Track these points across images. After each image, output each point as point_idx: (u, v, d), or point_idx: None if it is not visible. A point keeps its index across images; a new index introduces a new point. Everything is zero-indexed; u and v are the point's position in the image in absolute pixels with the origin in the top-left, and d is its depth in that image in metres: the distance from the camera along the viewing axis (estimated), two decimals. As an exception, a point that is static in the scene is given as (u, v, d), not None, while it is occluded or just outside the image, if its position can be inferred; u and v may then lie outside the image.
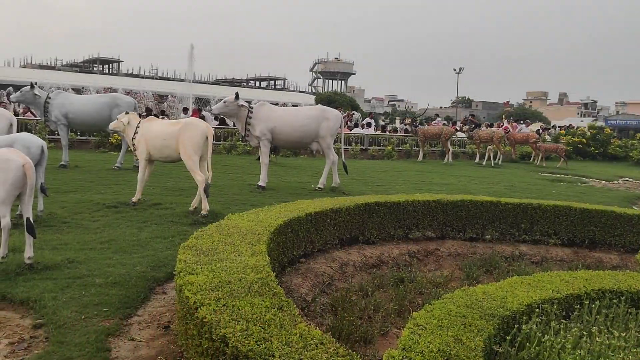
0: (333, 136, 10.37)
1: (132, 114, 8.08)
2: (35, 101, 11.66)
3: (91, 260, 5.15)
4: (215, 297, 3.02)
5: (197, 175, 7.32)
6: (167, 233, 6.37)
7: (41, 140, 6.56)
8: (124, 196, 8.40)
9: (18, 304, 4.15)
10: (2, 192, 4.65)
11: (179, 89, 42.53)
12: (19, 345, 3.55)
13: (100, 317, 3.95)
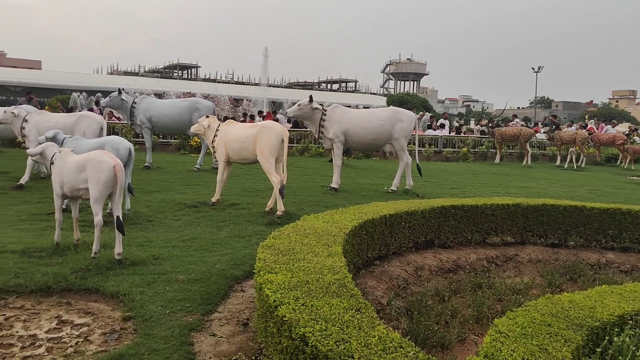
0: (407, 138, 10.26)
1: (212, 117, 8.38)
2: (123, 106, 12.36)
3: (174, 257, 5.38)
4: (294, 296, 3.07)
5: (273, 177, 7.48)
6: (245, 232, 6.55)
7: (129, 143, 6.96)
8: (203, 196, 8.72)
9: (109, 296, 4.41)
10: (95, 191, 4.97)
11: (254, 92, 43.67)
12: (110, 335, 3.77)
13: (183, 312, 4.13)
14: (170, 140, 17.43)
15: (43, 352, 3.52)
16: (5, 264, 4.83)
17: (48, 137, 6.76)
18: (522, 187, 12.10)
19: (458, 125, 28.63)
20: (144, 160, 12.31)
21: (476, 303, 4.86)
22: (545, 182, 13.72)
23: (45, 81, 42.98)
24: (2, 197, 8.13)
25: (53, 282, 4.48)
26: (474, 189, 11.25)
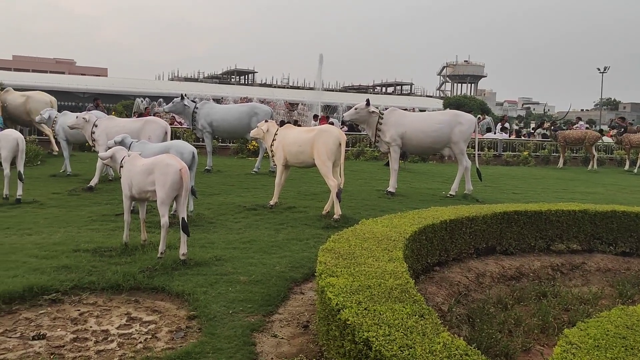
0: (466, 141, 10.07)
1: (270, 122, 8.53)
2: (185, 111, 12.77)
3: (235, 258, 5.51)
4: (356, 300, 3.08)
5: (330, 181, 7.52)
6: (302, 235, 6.62)
7: (192, 147, 7.19)
8: (261, 199, 8.88)
9: (174, 296, 4.56)
10: (162, 193, 5.15)
11: (309, 97, 43.95)
12: (177, 333, 3.90)
13: (245, 312, 4.21)
14: (228, 144, 17.84)
15: (115, 347, 3.68)
16: (79, 262, 5.09)
17: (117, 141, 7.08)
18: (589, 193, 11.61)
19: (518, 129, 27.80)
20: (204, 164, 12.65)
21: (541, 312, 4.71)
22: (614, 187, 13.11)
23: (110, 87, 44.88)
24: (74, 198, 8.57)
25: (123, 281, 4.68)
26: (536, 194, 10.89)
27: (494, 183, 12.81)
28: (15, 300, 4.30)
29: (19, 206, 7.75)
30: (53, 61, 79.20)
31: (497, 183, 12.94)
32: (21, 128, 14.92)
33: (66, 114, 11.39)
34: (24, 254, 5.31)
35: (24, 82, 29.89)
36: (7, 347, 3.60)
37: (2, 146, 8.03)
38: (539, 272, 5.92)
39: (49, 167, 12.31)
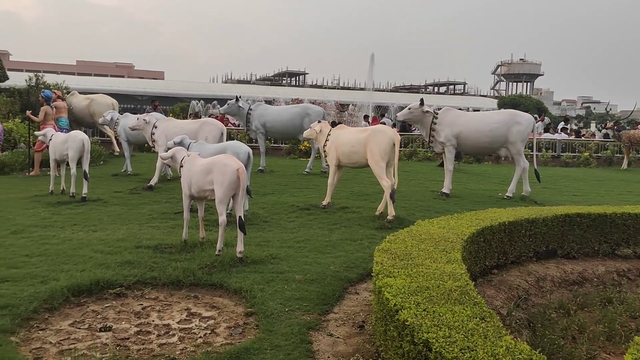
0: (524, 142, 9.79)
1: (323, 122, 8.57)
2: (239, 112, 13.02)
3: (290, 257, 5.56)
4: (415, 301, 3.05)
5: (384, 181, 7.48)
6: (356, 236, 6.61)
7: (248, 147, 7.32)
8: (314, 199, 8.92)
9: (232, 292, 4.66)
10: (220, 192, 5.27)
11: (359, 97, 43.84)
12: (235, 329, 3.98)
13: (301, 311, 4.25)
14: (281, 145, 18.05)
15: (176, 341, 3.79)
16: (141, 258, 5.28)
17: (176, 142, 7.29)
18: (656, 196, 11.04)
19: (577, 129, 26.75)
20: (257, 164, 12.85)
21: (607, 319, 4.52)
22: (683, 190, 12.40)
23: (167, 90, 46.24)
24: (135, 197, 8.89)
25: (183, 277, 4.82)
26: (599, 197, 10.45)
27: (552, 185, 12.38)
28: (83, 293, 4.51)
29: (85, 204, 8.12)
30: (113, 65, 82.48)
31: (556, 185, 12.50)
32: (85, 129, 15.61)
33: (127, 116, 11.84)
34: (90, 250, 5.56)
35: (86, 85, 31.26)
36: (77, 338, 3.78)
37: (69, 147, 8.44)
38: (604, 277, 5.69)
39: (110, 167, 12.83)
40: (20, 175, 11.26)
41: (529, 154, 11.13)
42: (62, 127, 12.03)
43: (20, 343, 3.63)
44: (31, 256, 5.30)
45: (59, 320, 4.07)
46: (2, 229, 6.38)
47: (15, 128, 13.38)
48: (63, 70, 53.50)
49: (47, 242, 5.84)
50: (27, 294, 4.27)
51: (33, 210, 7.53)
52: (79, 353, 3.52)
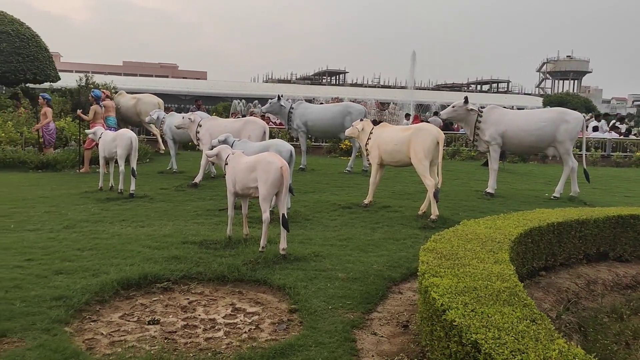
0: (573, 141, 9.49)
1: (365, 121, 8.53)
2: (281, 111, 13.11)
3: (333, 255, 5.57)
4: (462, 301, 3.00)
5: (427, 180, 7.39)
6: (399, 235, 6.56)
7: (290, 146, 7.37)
8: (355, 198, 8.90)
9: (276, 289, 4.69)
10: (263, 190, 5.33)
11: (400, 96, 43.53)
12: (279, 325, 4.01)
13: (344, 309, 4.24)
14: (321, 144, 18.09)
15: (222, 335, 3.85)
16: (187, 253, 5.39)
17: (220, 140, 7.41)
18: None
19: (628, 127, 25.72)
20: (298, 163, 12.91)
21: (663, 325, 4.33)
22: None
23: (209, 90, 47.09)
24: (180, 194, 9.09)
25: (227, 272, 4.89)
26: (652, 198, 10.04)
27: (603, 185, 11.97)
28: (132, 287, 4.63)
29: (132, 200, 8.35)
30: (158, 66, 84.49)
31: (606, 185, 12.08)
32: (131, 128, 16.06)
33: (173, 115, 12.11)
34: (138, 244, 5.71)
35: (132, 85, 32.18)
36: (127, 330, 3.89)
37: (118, 144, 8.69)
38: (659, 281, 5.45)
39: (156, 165, 13.16)
40: (71, 172, 11.68)
41: (577, 154, 10.79)
42: (110, 125, 12.40)
43: (74, 333, 3.76)
44: (83, 250, 5.49)
45: (109, 312, 4.20)
46: (56, 223, 6.63)
47: (66, 127, 13.88)
48: (110, 71, 55.13)
49: (97, 236, 6.04)
50: (79, 287, 4.41)
51: (84, 206, 7.79)
52: (129, 345, 3.62)
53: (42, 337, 3.55)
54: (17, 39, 15.36)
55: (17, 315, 3.86)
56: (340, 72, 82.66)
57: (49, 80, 16.59)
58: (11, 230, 6.25)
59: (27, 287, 4.38)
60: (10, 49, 15.04)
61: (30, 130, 13.09)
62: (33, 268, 4.85)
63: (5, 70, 14.89)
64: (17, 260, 5.07)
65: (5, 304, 4.02)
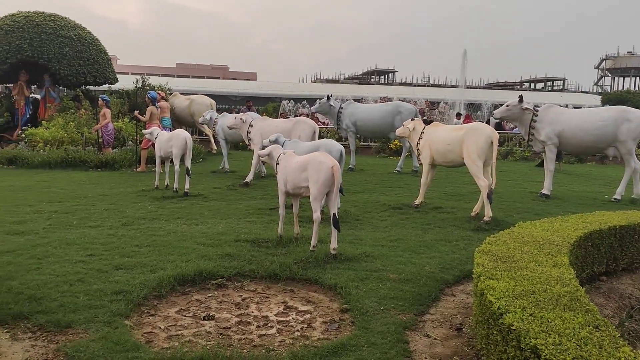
0: (636, 141, 9.07)
1: (417, 120, 8.45)
2: (330, 111, 13.16)
3: (384, 256, 5.54)
4: (520, 305, 2.93)
5: (481, 181, 7.24)
6: (451, 237, 6.46)
7: (340, 146, 7.38)
8: (405, 198, 8.83)
9: (327, 288, 4.71)
10: (314, 189, 5.36)
11: (450, 95, 42.82)
12: (331, 325, 4.03)
13: (396, 310, 4.22)
14: (370, 144, 18.03)
15: (274, 332, 3.90)
16: (240, 251, 5.49)
17: (271, 140, 7.51)
18: None
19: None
20: (347, 163, 12.91)
21: None
22: None
23: (259, 91, 47.74)
24: (232, 193, 9.26)
25: (279, 271, 4.95)
26: None
27: (667, 187, 11.36)
28: (188, 283, 4.76)
29: (187, 199, 8.57)
30: (209, 67, 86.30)
31: (671, 187, 11.46)
32: (185, 128, 16.50)
33: (225, 116, 12.36)
34: (193, 242, 5.86)
35: (185, 87, 32.99)
36: (183, 325, 4.00)
37: (173, 144, 8.95)
38: None
39: (209, 164, 13.47)
40: (129, 171, 12.11)
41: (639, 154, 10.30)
42: (165, 126, 12.78)
43: (134, 327, 3.89)
44: (140, 246, 5.68)
45: (166, 307, 4.33)
46: (115, 220, 6.89)
47: (124, 127, 14.40)
48: (164, 73, 56.71)
49: (154, 233, 6.23)
50: (138, 282, 4.57)
51: (141, 204, 8.06)
52: (185, 339, 3.72)
53: (104, 330, 3.70)
54: (79, 43, 16.06)
55: (81, 307, 4.03)
56: (389, 71, 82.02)
57: (107, 83, 17.25)
58: (74, 226, 6.54)
59: (89, 281, 4.57)
60: (73, 53, 15.74)
61: (90, 131, 13.65)
62: (94, 263, 5.07)
63: (68, 73, 15.59)
64: (80, 255, 5.31)
65: (70, 297, 4.21)
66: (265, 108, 26.19)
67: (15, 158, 12.57)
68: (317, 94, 37.12)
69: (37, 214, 7.19)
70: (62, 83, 16.43)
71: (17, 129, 15.30)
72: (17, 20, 15.63)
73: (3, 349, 3.50)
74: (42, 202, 8.02)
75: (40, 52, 15.24)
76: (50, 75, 15.74)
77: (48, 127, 13.97)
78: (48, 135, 13.44)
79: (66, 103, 15.85)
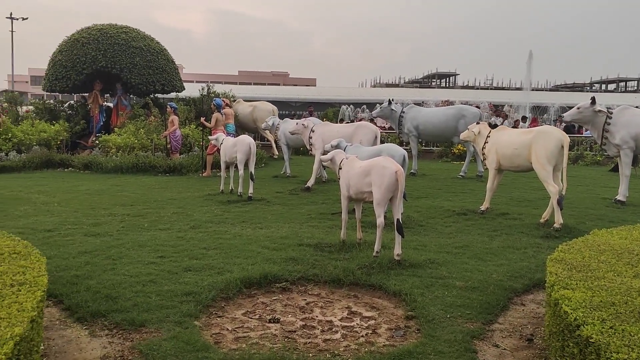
0: None
1: (482, 124, 8.24)
2: (392, 115, 13.07)
3: (449, 263, 5.43)
4: (599, 317, 2.79)
5: (550, 186, 6.97)
6: (519, 244, 6.25)
7: (403, 150, 7.32)
8: (470, 204, 8.62)
9: (391, 294, 4.67)
10: (378, 194, 5.33)
11: (515, 97, 41.51)
12: (396, 331, 3.99)
13: (463, 318, 4.12)
14: (432, 148, 17.75)
15: (339, 337, 3.90)
16: (304, 255, 5.54)
17: (333, 145, 7.54)
18: None
19: None
20: (409, 167, 12.75)
21: None
22: None
23: (318, 96, 48.05)
24: (294, 197, 9.37)
25: (343, 275, 4.95)
26: None
27: None
28: (253, 286, 4.84)
29: (250, 203, 8.75)
30: (270, 74, 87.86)
31: None
32: (247, 133, 16.87)
33: (287, 121, 12.54)
34: (258, 245, 5.97)
35: (247, 94, 33.69)
36: (250, 327, 4.07)
37: (238, 150, 9.17)
38: None
39: (271, 169, 13.69)
40: (195, 176, 12.51)
41: None
42: (229, 132, 13.12)
43: (203, 327, 4.01)
44: (208, 249, 5.84)
45: (233, 309, 4.42)
46: (183, 223, 7.13)
47: (190, 133, 14.89)
48: (226, 80, 58.29)
49: (220, 236, 6.40)
50: (206, 283, 4.70)
51: (207, 208, 8.30)
52: (252, 341, 3.78)
53: (175, 329, 3.82)
54: (149, 53, 16.77)
55: (153, 307, 4.19)
56: (450, 74, 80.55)
57: (175, 91, 17.90)
58: (145, 229, 6.82)
59: (160, 282, 4.74)
60: (143, 62, 16.45)
61: (159, 137, 14.21)
62: (165, 264, 5.26)
63: (139, 82, 16.31)
64: (152, 256, 5.52)
65: (143, 297, 4.39)
66: (325, 113, 26.34)
67: (90, 163, 13.28)
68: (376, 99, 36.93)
69: (111, 216, 7.55)
70: (133, 91, 17.21)
71: (92, 136, 16.14)
72: (92, 33, 16.52)
73: (83, 344, 3.69)
74: (115, 205, 8.42)
75: (113, 62, 16.03)
76: (122, 84, 16.52)
77: (120, 133, 14.66)
78: (120, 142, 14.10)
79: (137, 111, 16.58)
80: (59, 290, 4.48)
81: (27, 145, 14.38)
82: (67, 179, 11.68)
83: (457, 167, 13.69)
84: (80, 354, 3.55)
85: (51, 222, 7.05)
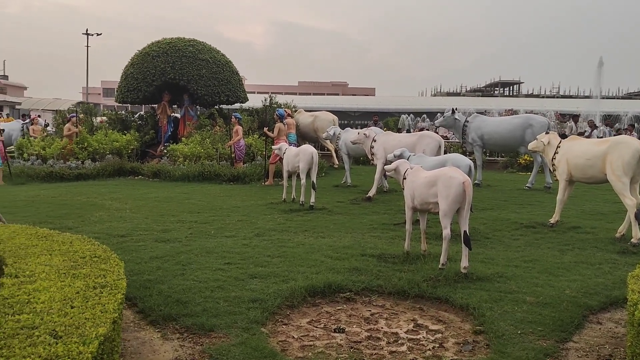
0: None
1: (552, 133, 7.96)
2: (455, 124, 12.84)
3: (518, 277, 5.26)
4: (689, 340, 2.62)
5: (627, 199, 6.63)
6: (593, 259, 5.97)
7: (469, 160, 7.18)
8: (539, 217, 8.32)
9: (458, 308, 4.57)
10: (444, 205, 5.24)
11: (584, 106, 39.86)
12: (464, 346, 3.89)
13: (535, 335, 3.97)
14: (497, 158, 17.28)
15: (405, 350, 3.85)
16: (367, 266, 5.52)
17: (396, 154, 7.50)
18: None
19: None
20: (474, 178, 12.45)
21: None
22: None
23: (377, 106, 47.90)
24: (355, 207, 9.37)
25: (407, 287, 4.90)
26: None
27: None
28: (318, 295, 4.87)
29: (312, 212, 8.82)
30: (329, 84, 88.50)
31: None
32: (308, 143, 17.03)
33: (348, 131, 12.58)
34: (321, 254, 6.00)
35: (307, 104, 34.05)
36: (315, 336, 4.09)
37: (300, 159, 9.28)
38: None
39: (331, 178, 13.75)
40: (257, 185, 12.75)
41: None
42: (291, 141, 13.29)
43: (269, 334, 4.06)
44: (272, 257, 5.93)
45: (298, 317, 4.46)
46: (248, 231, 7.28)
47: (254, 143, 15.21)
48: (287, 91, 59.14)
49: (284, 245, 6.48)
50: (272, 291, 4.77)
51: (270, 216, 8.44)
52: (318, 350, 3.80)
53: (243, 335, 3.90)
54: (214, 65, 17.30)
55: (222, 313, 4.30)
56: (514, 82, 78.26)
57: (239, 101, 18.35)
58: (212, 236, 7.01)
59: (228, 288, 4.86)
60: (209, 74, 16.98)
61: (224, 147, 14.59)
62: (232, 271, 5.38)
63: (205, 93, 16.84)
64: (219, 263, 5.67)
65: (212, 302, 4.51)
66: (386, 122, 26.20)
67: (159, 172, 13.81)
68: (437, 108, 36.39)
69: (180, 223, 7.81)
70: (199, 102, 17.78)
71: (160, 145, 16.79)
72: (162, 47, 17.23)
73: (156, 347, 3.83)
74: (183, 212, 8.71)
75: (181, 74, 16.64)
76: (189, 95, 17.11)
77: (187, 143, 15.16)
78: (187, 151, 14.59)
79: (202, 121, 17.11)
80: (133, 293, 4.67)
81: (100, 154, 15.15)
82: (137, 187, 12.19)
83: (523, 178, 13.25)
84: (155, 356, 3.68)
85: (124, 228, 7.38)
